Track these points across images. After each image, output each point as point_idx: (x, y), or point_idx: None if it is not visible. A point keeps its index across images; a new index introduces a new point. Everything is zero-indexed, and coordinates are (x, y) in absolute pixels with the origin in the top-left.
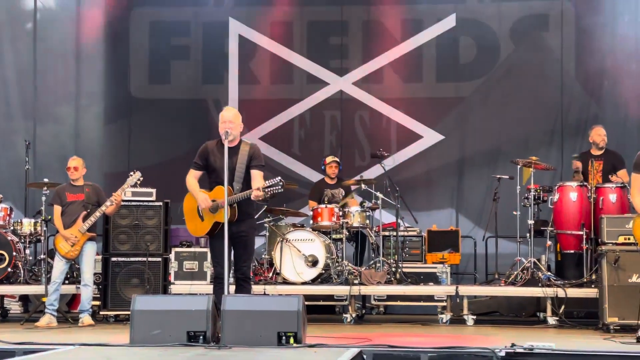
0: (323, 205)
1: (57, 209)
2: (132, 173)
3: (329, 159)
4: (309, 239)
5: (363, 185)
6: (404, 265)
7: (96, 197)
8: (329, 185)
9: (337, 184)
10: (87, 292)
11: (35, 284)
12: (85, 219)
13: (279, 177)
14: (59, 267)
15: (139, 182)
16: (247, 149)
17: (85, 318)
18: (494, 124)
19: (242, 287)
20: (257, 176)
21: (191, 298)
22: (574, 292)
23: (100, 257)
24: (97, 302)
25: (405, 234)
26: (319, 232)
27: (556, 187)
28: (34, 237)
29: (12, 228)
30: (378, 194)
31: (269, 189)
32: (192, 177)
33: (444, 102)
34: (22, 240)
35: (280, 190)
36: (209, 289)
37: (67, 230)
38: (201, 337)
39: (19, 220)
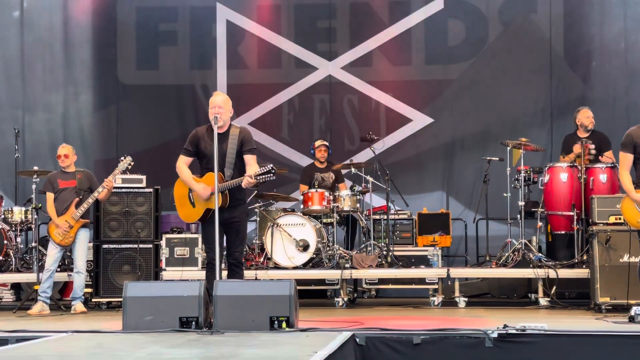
0: (313, 190)
1: (50, 196)
2: (122, 158)
3: (317, 143)
4: (299, 223)
5: (353, 169)
6: (395, 248)
7: (88, 183)
8: (319, 169)
9: (327, 168)
10: (79, 279)
11: (27, 272)
12: (77, 205)
13: (271, 165)
14: (53, 255)
15: (129, 167)
16: (237, 133)
17: (78, 305)
18: (483, 106)
19: (235, 272)
20: (251, 161)
21: (183, 284)
22: (565, 273)
23: (91, 244)
24: (89, 290)
25: (396, 217)
26: (309, 216)
27: (546, 168)
28: (25, 225)
29: (2, 216)
30: (368, 177)
31: (261, 177)
32: (184, 164)
33: (433, 84)
34: (13, 229)
35: (272, 178)
36: (200, 275)
37: (60, 217)
38: (193, 322)
39: (10, 209)
